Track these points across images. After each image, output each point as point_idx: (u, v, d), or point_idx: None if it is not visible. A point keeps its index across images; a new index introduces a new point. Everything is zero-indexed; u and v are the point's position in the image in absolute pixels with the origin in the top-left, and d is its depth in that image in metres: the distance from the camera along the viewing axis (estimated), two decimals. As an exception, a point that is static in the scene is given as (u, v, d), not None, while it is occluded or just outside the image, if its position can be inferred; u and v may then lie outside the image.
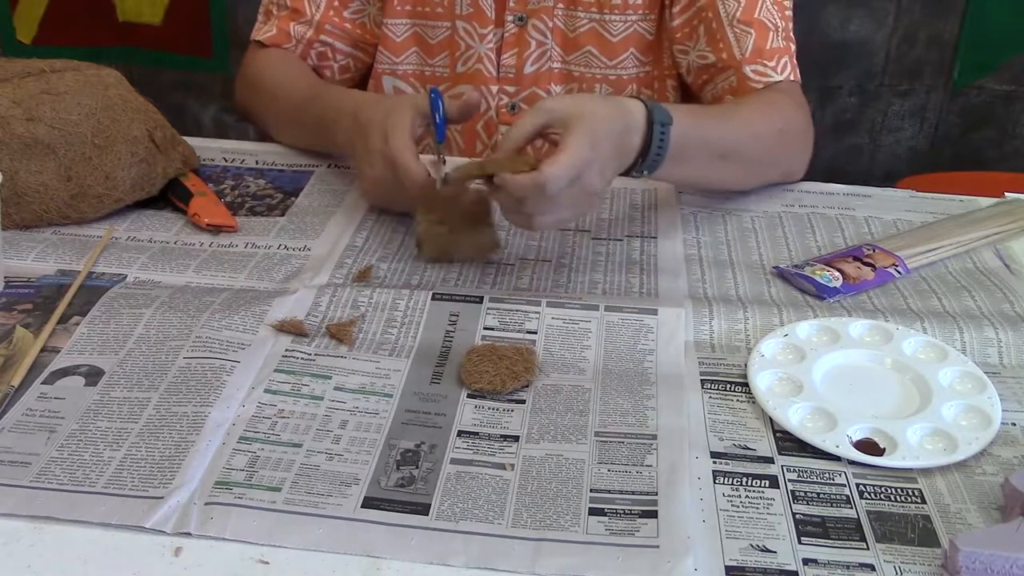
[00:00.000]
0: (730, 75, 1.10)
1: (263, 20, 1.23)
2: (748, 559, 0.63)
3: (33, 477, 0.67)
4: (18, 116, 0.96)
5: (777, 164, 1.10)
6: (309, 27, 1.20)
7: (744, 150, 1.02)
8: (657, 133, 0.88)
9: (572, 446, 0.72)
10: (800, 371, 0.79)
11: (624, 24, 1.17)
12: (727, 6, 1.09)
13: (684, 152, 0.92)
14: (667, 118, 0.89)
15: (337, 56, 1.23)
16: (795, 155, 1.11)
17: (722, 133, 0.99)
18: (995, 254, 1.00)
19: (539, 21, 1.17)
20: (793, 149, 1.10)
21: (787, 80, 1.10)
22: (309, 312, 0.86)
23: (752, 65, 1.09)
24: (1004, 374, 0.81)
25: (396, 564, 0.62)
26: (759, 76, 1.09)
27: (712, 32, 1.11)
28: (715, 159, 0.99)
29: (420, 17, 1.20)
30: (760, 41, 1.08)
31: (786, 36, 1.10)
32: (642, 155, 0.89)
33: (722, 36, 1.10)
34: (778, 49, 1.09)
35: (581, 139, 0.82)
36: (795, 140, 1.09)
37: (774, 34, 1.09)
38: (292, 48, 1.21)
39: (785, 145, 1.08)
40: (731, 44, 1.09)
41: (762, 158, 1.06)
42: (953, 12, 2.25)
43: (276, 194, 1.09)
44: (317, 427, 0.73)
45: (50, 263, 0.93)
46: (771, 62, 1.09)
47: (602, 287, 0.93)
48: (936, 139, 2.42)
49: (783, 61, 1.09)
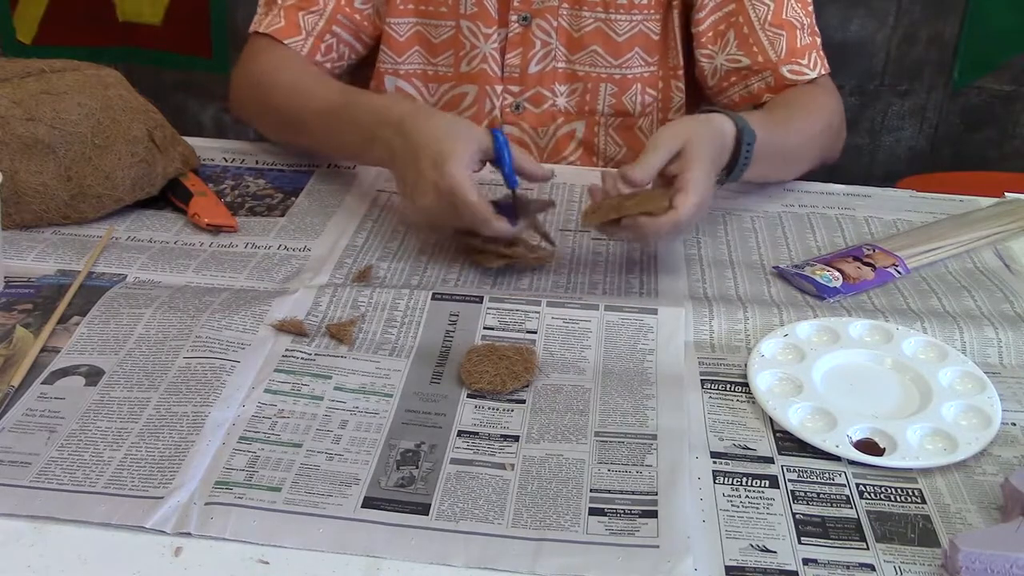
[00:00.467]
0: (767, 75, 1.14)
1: (265, 10, 1.17)
2: (748, 559, 0.63)
3: (33, 477, 0.67)
4: (18, 116, 0.96)
5: (822, 155, 1.15)
6: (320, 18, 1.14)
7: (802, 152, 1.10)
8: (744, 151, 0.96)
9: (572, 446, 0.72)
10: (800, 371, 0.79)
11: (630, 24, 1.17)
12: (757, 10, 1.13)
13: (758, 161, 0.98)
14: (752, 136, 0.96)
15: (339, 47, 1.18)
16: (837, 143, 1.17)
17: (785, 141, 1.05)
18: (995, 254, 1.00)
19: (543, 21, 1.17)
20: (835, 139, 1.16)
21: (821, 76, 1.14)
22: (309, 312, 0.86)
23: (788, 65, 1.13)
24: (1004, 374, 0.81)
25: (396, 564, 0.62)
26: (795, 75, 1.13)
27: (744, 36, 1.14)
28: (779, 163, 1.08)
29: (424, 16, 1.20)
30: (792, 41, 1.12)
31: (811, 31, 1.15)
32: (727, 169, 0.97)
33: (755, 40, 1.13)
34: (807, 46, 1.13)
35: (701, 173, 0.88)
36: (836, 131, 1.15)
37: (801, 32, 1.13)
38: (302, 42, 1.14)
39: (830, 138, 1.14)
40: (765, 48, 1.13)
41: (813, 155, 1.13)
42: (953, 12, 2.25)
43: (276, 194, 1.09)
44: (317, 427, 0.73)
45: (50, 263, 0.93)
46: (804, 60, 1.13)
47: (602, 287, 0.93)
48: (936, 139, 2.42)
49: (813, 57, 1.14)
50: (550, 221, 1.04)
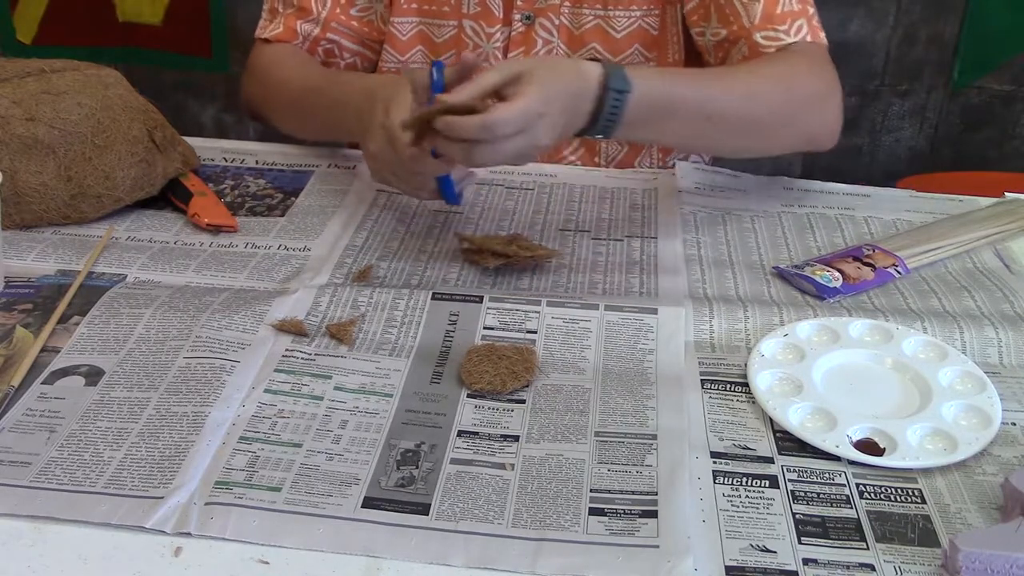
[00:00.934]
0: (742, 45, 1.08)
1: (268, 18, 1.22)
2: (748, 559, 0.63)
3: (33, 477, 0.67)
4: (18, 116, 0.96)
5: (789, 126, 1.04)
6: (316, 25, 1.19)
7: (737, 110, 0.98)
8: (610, 99, 0.87)
9: (572, 446, 0.72)
10: (800, 371, 0.79)
11: (628, 20, 1.17)
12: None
13: (652, 115, 0.91)
14: (625, 84, 0.88)
15: (344, 54, 1.22)
16: (812, 117, 1.05)
17: (708, 94, 0.96)
18: (995, 254, 1.00)
19: (546, 20, 1.17)
20: (810, 113, 1.05)
21: (803, 41, 1.06)
22: (309, 312, 0.86)
23: (762, 31, 1.06)
24: (1004, 374, 0.81)
25: (396, 564, 0.62)
26: (770, 41, 1.06)
27: (721, 7, 1.09)
28: (699, 120, 0.96)
29: (427, 16, 1.20)
30: (770, 7, 1.05)
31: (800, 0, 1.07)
32: (594, 119, 0.89)
33: (731, 9, 1.08)
34: (791, 12, 1.06)
35: (533, 92, 0.82)
36: (810, 103, 1.04)
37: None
38: (299, 45, 1.20)
39: (796, 106, 1.03)
40: (740, 14, 1.07)
41: (764, 118, 1.01)
42: (953, 12, 2.25)
43: (276, 194, 1.09)
44: (317, 427, 0.73)
45: (50, 263, 0.93)
46: (783, 26, 1.05)
47: (602, 287, 0.93)
48: (936, 139, 2.42)
49: (797, 24, 1.05)
50: (548, 223, 1.04)
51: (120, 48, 2.45)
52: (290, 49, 1.20)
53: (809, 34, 1.06)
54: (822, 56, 1.07)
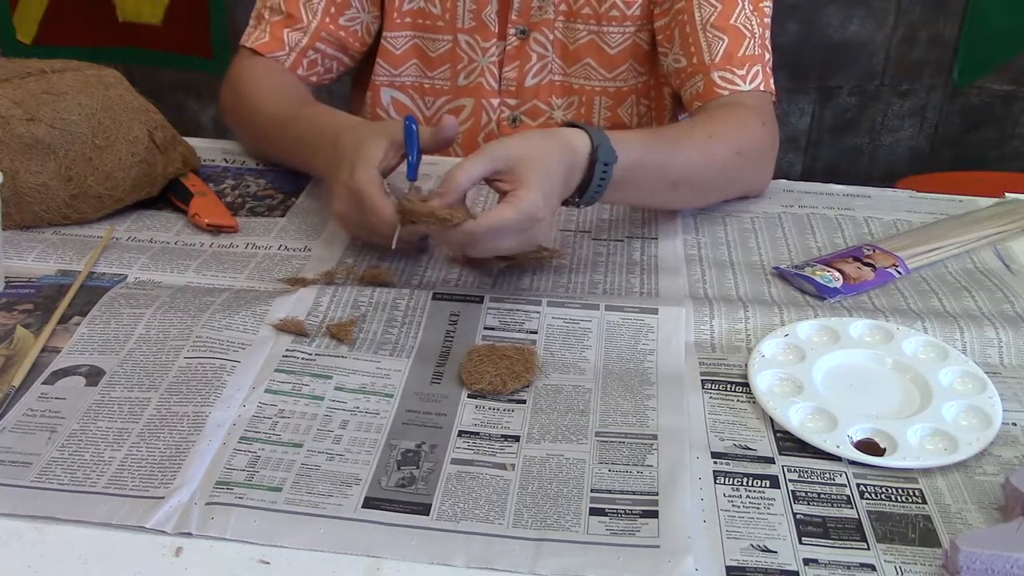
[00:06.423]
0: (698, 80, 1.08)
1: (254, 25, 1.20)
2: (749, 559, 0.63)
3: (34, 477, 0.67)
4: (18, 116, 0.96)
5: (733, 184, 1.06)
6: (304, 35, 1.17)
7: (696, 176, 0.99)
8: (599, 171, 0.87)
9: (573, 446, 0.72)
10: (800, 371, 0.79)
11: (622, 35, 1.17)
12: (703, 11, 1.07)
13: (629, 183, 0.90)
14: (611, 156, 0.87)
15: (324, 60, 1.20)
16: (754, 174, 1.08)
17: (674, 162, 0.96)
18: (995, 254, 1.00)
19: (540, 34, 1.17)
20: (752, 169, 1.07)
21: (755, 91, 1.06)
22: (309, 312, 0.86)
23: (720, 71, 1.06)
24: (1004, 374, 0.81)
25: (396, 564, 0.62)
26: (726, 83, 1.06)
27: (685, 36, 1.08)
28: (665, 187, 0.97)
29: (421, 30, 1.20)
30: (732, 47, 1.05)
31: (762, 45, 1.07)
32: (581, 190, 0.88)
33: (695, 40, 1.07)
34: (751, 57, 1.06)
35: (530, 198, 0.80)
36: (755, 160, 1.06)
37: (750, 41, 1.06)
38: (284, 56, 1.17)
39: (743, 167, 1.04)
40: (702, 49, 1.07)
41: (716, 181, 1.03)
42: (953, 12, 2.26)
43: (276, 194, 1.09)
44: (318, 427, 0.73)
45: (50, 263, 0.93)
46: (740, 70, 1.06)
47: (602, 287, 0.93)
48: (936, 139, 2.42)
49: (754, 70, 1.06)
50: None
51: (120, 48, 2.45)
52: (268, 65, 1.16)
53: (763, 82, 1.07)
54: (769, 109, 1.08)
